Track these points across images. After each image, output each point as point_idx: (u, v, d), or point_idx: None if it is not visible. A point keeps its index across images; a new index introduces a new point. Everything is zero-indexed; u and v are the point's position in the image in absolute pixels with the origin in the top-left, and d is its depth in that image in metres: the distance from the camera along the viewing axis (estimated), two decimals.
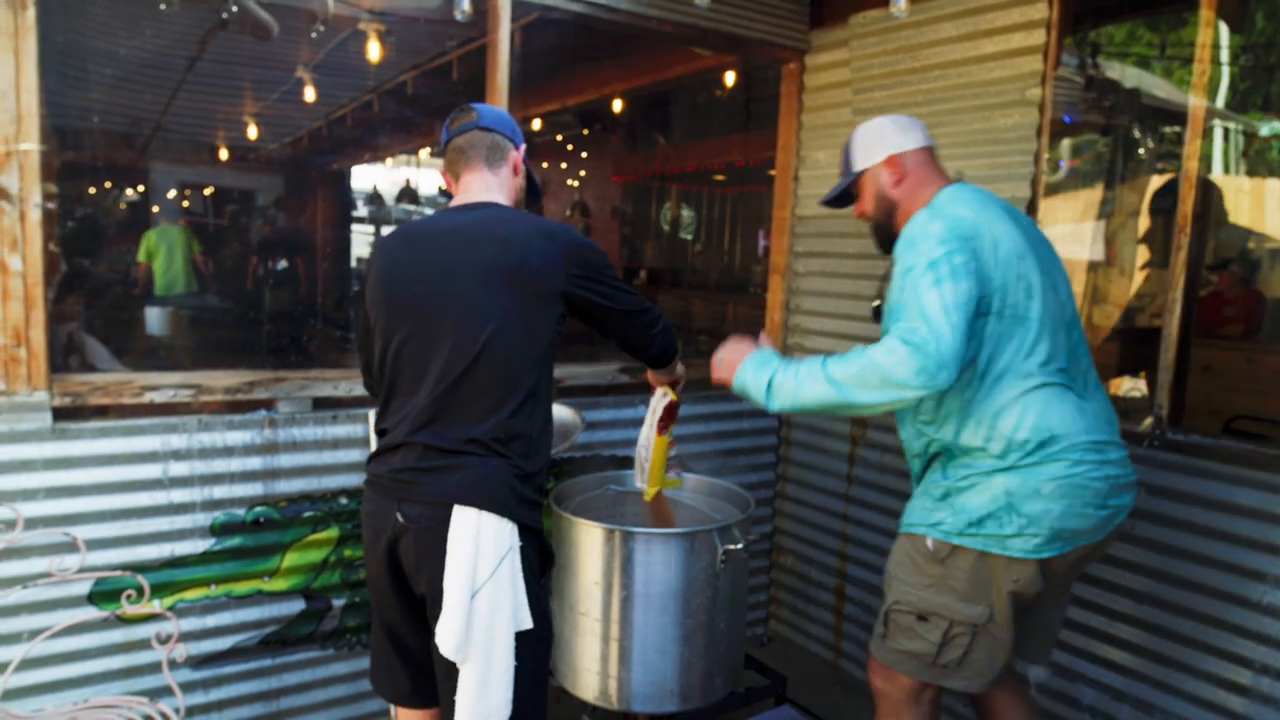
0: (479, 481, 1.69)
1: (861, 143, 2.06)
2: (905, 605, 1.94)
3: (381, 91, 5.81)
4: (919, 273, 1.77)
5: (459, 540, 1.67)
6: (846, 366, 1.75)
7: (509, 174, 1.93)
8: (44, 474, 2.17)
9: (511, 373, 1.73)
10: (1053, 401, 1.81)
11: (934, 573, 1.90)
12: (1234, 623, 2.20)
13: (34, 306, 2.13)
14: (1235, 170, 4.83)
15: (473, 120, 1.90)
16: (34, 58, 2.06)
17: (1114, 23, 4.48)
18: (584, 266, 1.83)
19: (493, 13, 2.70)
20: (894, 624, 1.97)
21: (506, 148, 1.92)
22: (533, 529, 1.77)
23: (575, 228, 1.93)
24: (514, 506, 1.71)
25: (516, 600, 1.70)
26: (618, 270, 2.16)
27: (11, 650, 2.14)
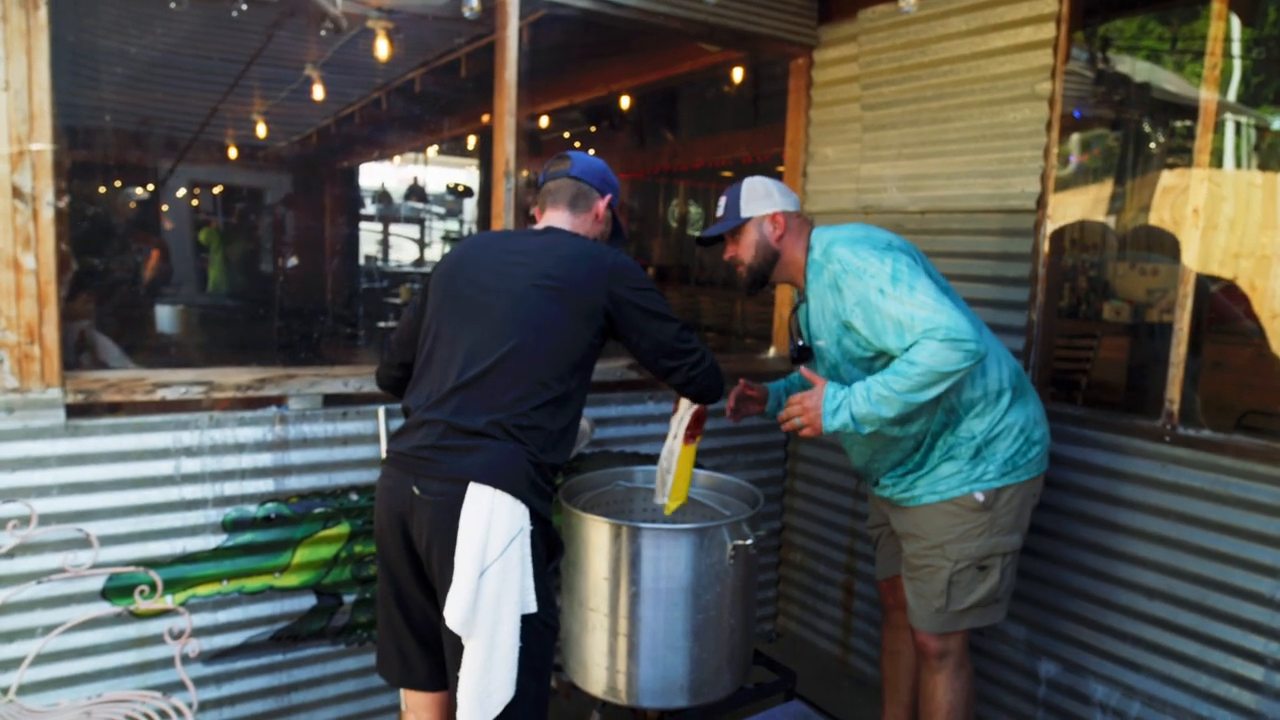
0: (496, 462, 1.75)
1: (749, 194, 2.27)
2: (965, 561, 2.20)
3: (390, 89, 5.82)
4: (890, 291, 2.01)
5: (472, 516, 1.72)
6: (906, 379, 1.96)
7: (590, 219, 2.10)
8: (57, 470, 2.19)
9: (541, 372, 1.83)
10: (997, 344, 2.24)
11: (983, 521, 2.18)
12: (1247, 618, 2.20)
13: (47, 304, 2.14)
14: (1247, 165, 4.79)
15: (565, 169, 2.08)
16: (46, 57, 2.08)
17: (1124, 16, 4.45)
18: (625, 288, 1.93)
19: (501, 10, 2.70)
20: (956, 585, 2.22)
21: (592, 196, 2.10)
22: (543, 517, 1.84)
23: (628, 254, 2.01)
24: (527, 491, 1.76)
25: (524, 583, 1.75)
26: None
27: (26, 645, 2.16)
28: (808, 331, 2.36)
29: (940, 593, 2.23)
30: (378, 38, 3.85)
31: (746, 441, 3.39)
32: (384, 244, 10.47)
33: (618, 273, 1.94)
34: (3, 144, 2.05)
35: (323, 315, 6.88)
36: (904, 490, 2.29)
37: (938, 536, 2.22)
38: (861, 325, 2.07)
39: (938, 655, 2.28)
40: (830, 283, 2.14)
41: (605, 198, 2.12)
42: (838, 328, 2.17)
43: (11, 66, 2.04)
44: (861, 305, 2.06)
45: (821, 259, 2.18)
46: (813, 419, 2.07)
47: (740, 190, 2.28)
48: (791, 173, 3.46)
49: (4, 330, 2.10)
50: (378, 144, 8.35)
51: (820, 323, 2.23)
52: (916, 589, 2.29)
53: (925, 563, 2.25)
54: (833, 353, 2.22)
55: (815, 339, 2.28)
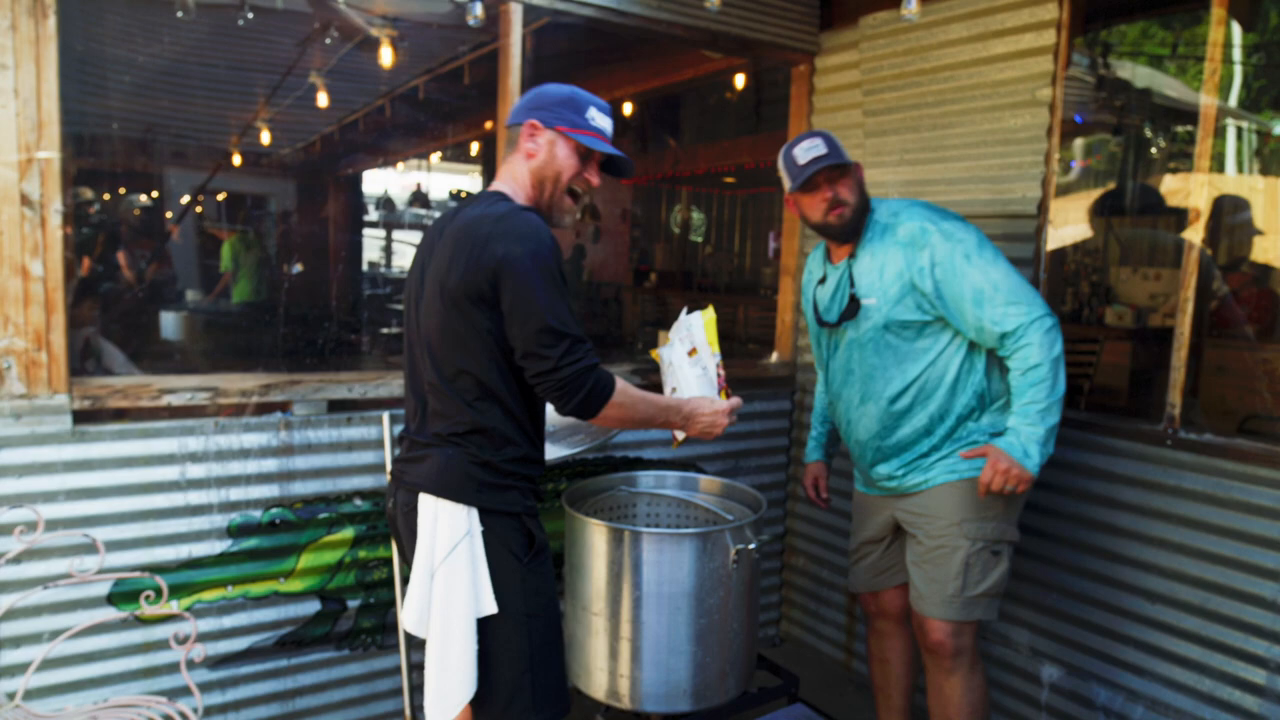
0: (437, 470, 1.78)
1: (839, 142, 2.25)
2: (981, 541, 2.21)
3: (393, 96, 5.85)
4: (975, 257, 2.11)
5: (423, 524, 1.79)
6: (1043, 382, 2.07)
7: (520, 157, 1.83)
8: (64, 476, 2.20)
9: (459, 372, 1.75)
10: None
11: (999, 503, 2.20)
12: (1249, 621, 2.20)
13: (54, 311, 2.16)
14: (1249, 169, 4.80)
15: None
16: (55, 66, 2.10)
17: (1125, 22, 4.46)
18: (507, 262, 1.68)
19: (504, 18, 2.72)
20: (971, 568, 2.21)
21: (514, 133, 1.84)
22: (505, 512, 1.79)
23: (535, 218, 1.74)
24: (471, 492, 1.76)
25: (477, 584, 1.75)
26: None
27: (33, 650, 2.17)
28: (839, 294, 2.32)
29: (957, 574, 2.21)
30: (382, 45, 3.88)
31: (749, 447, 3.39)
32: (387, 250, 10.51)
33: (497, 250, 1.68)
34: (11, 152, 2.07)
35: (327, 321, 6.90)
36: (917, 475, 2.28)
37: (956, 514, 2.21)
38: (934, 288, 2.13)
39: (953, 654, 2.25)
40: (906, 241, 2.16)
41: (528, 123, 1.81)
42: (900, 289, 2.17)
43: (20, 75, 2.06)
44: (943, 267, 2.11)
45: (890, 219, 2.22)
46: (1018, 473, 2.07)
47: (834, 137, 2.23)
48: None
49: (12, 337, 2.12)
50: (382, 151, 8.38)
51: (875, 282, 2.22)
52: (929, 574, 2.26)
53: (940, 543, 2.23)
54: (879, 314, 2.21)
55: (863, 296, 2.25)
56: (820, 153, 2.18)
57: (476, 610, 1.75)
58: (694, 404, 1.95)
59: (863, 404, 2.31)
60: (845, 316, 2.29)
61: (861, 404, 2.31)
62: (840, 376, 2.38)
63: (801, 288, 2.62)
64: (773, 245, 8.06)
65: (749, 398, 3.37)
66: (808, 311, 2.49)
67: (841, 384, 2.38)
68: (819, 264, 2.45)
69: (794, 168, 2.21)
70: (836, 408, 2.45)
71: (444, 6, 2.81)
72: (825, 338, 2.42)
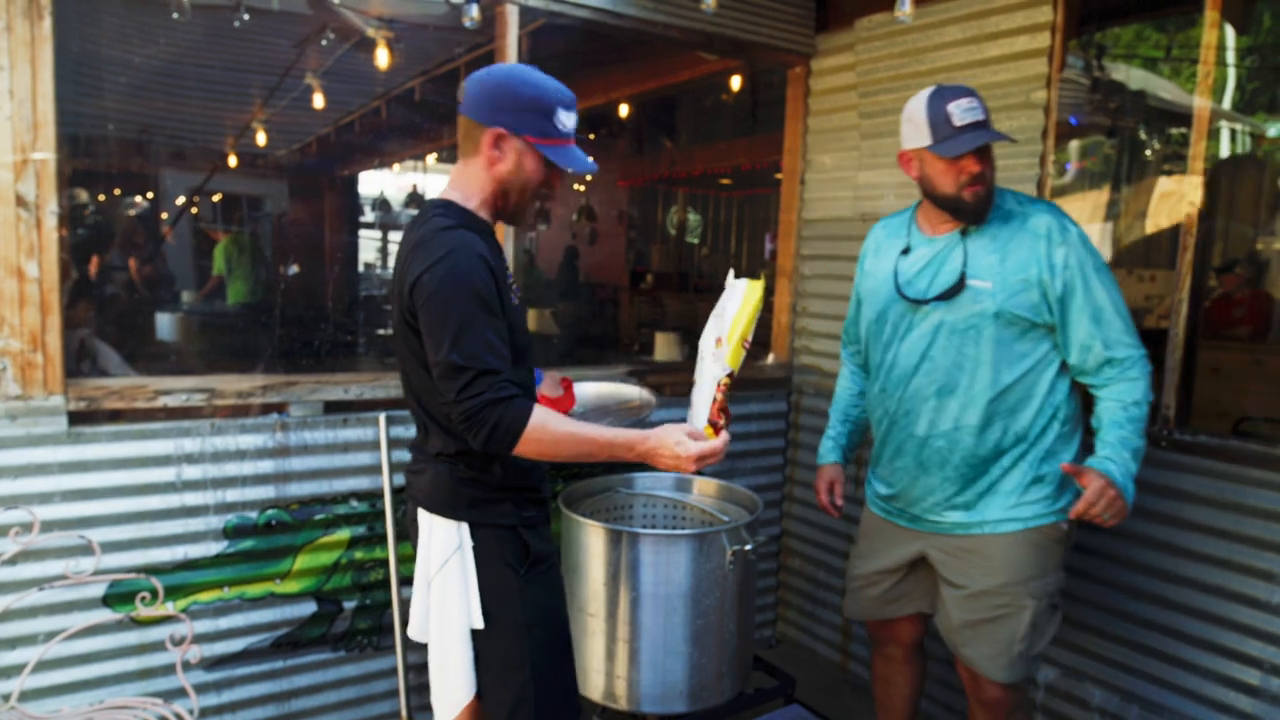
0: (430, 487, 1.79)
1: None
2: (1045, 598, 2.04)
3: (389, 97, 5.85)
4: (1105, 273, 1.97)
5: (420, 537, 1.82)
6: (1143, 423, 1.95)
7: (479, 165, 1.71)
8: (60, 477, 2.20)
9: (431, 394, 1.69)
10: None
11: (1059, 553, 2.06)
12: (1244, 623, 2.21)
13: (50, 312, 2.16)
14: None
15: (460, 102, 1.72)
16: (50, 67, 2.09)
17: (1119, 25, 4.48)
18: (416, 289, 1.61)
19: (500, 19, 2.72)
20: (1037, 627, 2.04)
21: (475, 133, 1.69)
22: (498, 525, 1.77)
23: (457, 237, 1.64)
24: (460, 508, 1.76)
25: (468, 597, 1.76)
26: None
27: (28, 652, 2.16)
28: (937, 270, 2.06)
29: (1023, 636, 2.03)
30: (378, 47, 3.88)
31: (746, 448, 3.40)
32: (383, 251, 10.51)
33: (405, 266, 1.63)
34: (7, 153, 2.07)
35: (323, 323, 6.89)
36: (971, 513, 2.06)
37: (1022, 571, 2.02)
38: (1061, 289, 1.94)
39: (1010, 709, 2.11)
40: (1042, 234, 1.96)
41: (493, 131, 1.67)
42: (1023, 280, 1.96)
43: (16, 76, 2.06)
44: (1074, 271, 1.94)
45: (1018, 206, 2.02)
46: (1122, 505, 1.87)
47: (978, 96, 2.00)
48: (790, 180, 3.48)
49: (7, 338, 2.12)
50: (377, 152, 8.38)
51: (994, 265, 1.98)
52: (989, 634, 2.05)
53: (1004, 603, 2.03)
54: (991, 300, 1.97)
55: (976, 277, 2.00)
56: (980, 118, 1.94)
57: (469, 622, 1.77)
58: (652, 444, 1.66)
59: (940, 397, 2.05)
60: (946, 295, 2.02)
61: (938, 397, 2.05)
62: (910, 362, 2.10)
63: (860, 262, 2.29)
64: (769, 247, 8.08)
65: (745, 399, 3.38)
66: (871, 288, 2.21)
67: (909, 371, 2.09)
68: (900, 233, 2.18)
69: (943, 124, 1.93)
70: (883, 399, 2.17)
71: (440, 8, 2.81)
72: (895, 317, 2.13)
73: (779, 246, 3.56)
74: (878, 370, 2.20)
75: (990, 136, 1.94)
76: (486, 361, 1.57)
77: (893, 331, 2.14)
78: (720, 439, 1.69)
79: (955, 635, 2.12)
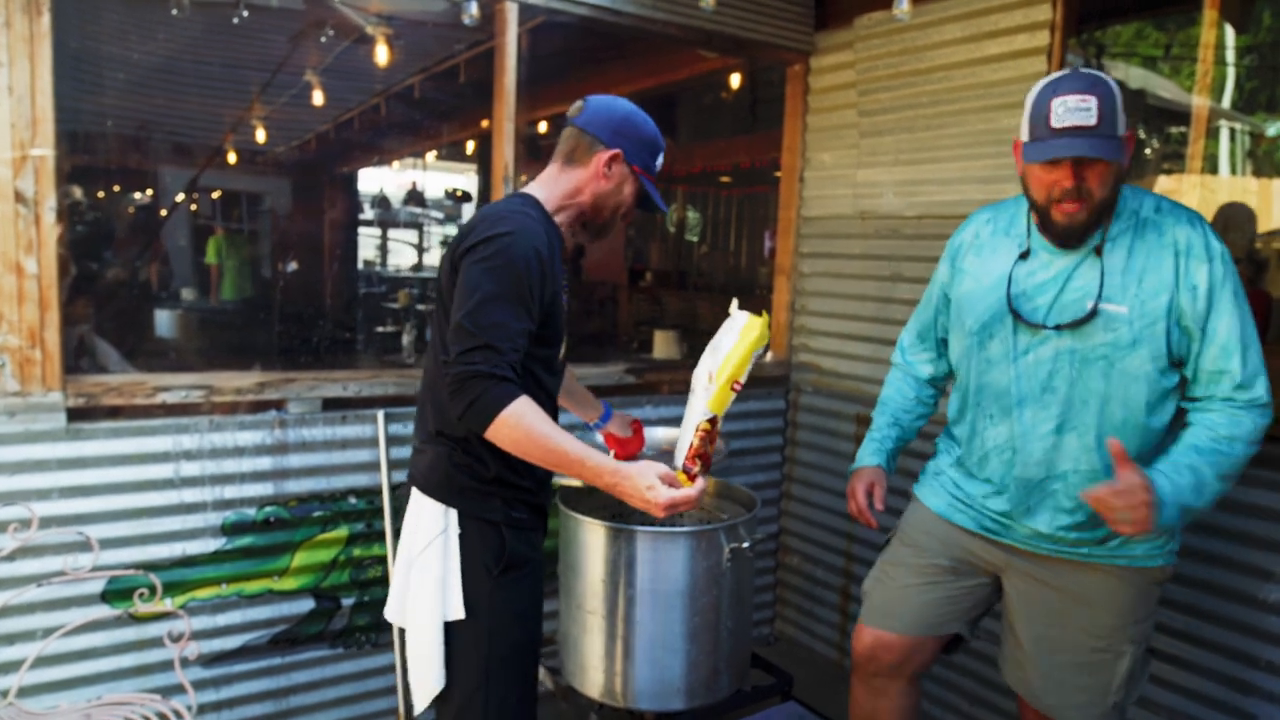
0: (425, 467, 1.80)
1: (1120, 100, 1.66)
2: (1143, 643, 1.85)
3: (389, 95, 5.85)
4: (1242, 298, 1.68)
5: (408, 517, 1.82)
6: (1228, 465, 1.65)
7: (586, 176, 1.81)
8: (58, 474, 2.20)
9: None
10: None
11: (1158, 595, 1.86)
12: (1244, 622, 2.21)
13: (49, 308, 2.16)
14: (1241, 171, 4.82)
15: (574, 115, 1.84)
16: (49, 63, 2.09)
17: (1119, 23, 4.48)
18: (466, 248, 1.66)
19: (500, 17, 2.72)
20: (1135, 676, 1.84)
21: (594, 149, 1.80)
22: (483, 519, 1.76)
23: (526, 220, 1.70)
24: (449, 493, 1.76)
25: (447, 584, 1.75)
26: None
27: (26, 648, 2.16)
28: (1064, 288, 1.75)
29: (1120, 685, 1.83)
30: (377, 44, 3.88)
31: (744, 446, 3.40)
32: (382, 249, 10.50)
33: (469, 230, 1.69)
34: (5, 149, 2.07)
35: (322, 320, 6.90)
36: (1087, 533, 1.79)
37: (1129, 612, 1.81)
38: (1203, 313, 1.66)
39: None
40: (1184, 249, 1.68)
41: (612, 151, 1.79)
42: (1166, 304, 1.67)
43: (15, 72, 2.06)
44: (1217, 293, 1.66)
45: (1154, 215, 1.73)
46: (1143, 516, 1.55)
47: (1113, 91, 1.64)
48: (789, 178, 3.48)
49: (6, 334, 2.12)
50: (377, 149, 8.38)
51: (1130, 286, 1.69)
52: (1082, 682, 1.84)
53: (1103, 647, 1.82)
54: (1128, 327, 1.69)
55: (1110, 301, 1.70)
56: (1087, 122, 1.60)
57: (443, 611, 1.76)
58: (622, 481, 1.63)
59: (1059, 433, 1.77)
60: (1075, 324, 1.72)
61: (1058, 433, 1.77)
62: (1024, 390, 1.79)
63: (950, 258, 1.97)
64: (768, 244, 8.07)
65: (743, 397, 3.37)
66: (970, 291, 1.88)
67: (1021, 400, 1.80)
68: (1015, 230, 1.85)
69: (1041, 121, 1.65)
70: (982, 429, 1.88)
71: (440, 5, 2.81)
72: (1006, 333, 1.82)
73: (778, 244, 3.56)
74: (971, 391, 1.91)
75: (1085, 150, 1.60)
76: (496, 338, 1.58)
77: (1003, 351, 1.83)
78: (695, 487, 1.65)
79: (1036, 680, 1.89)
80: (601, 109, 1.82)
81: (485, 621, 1.77)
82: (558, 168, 1.84)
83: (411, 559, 1.79)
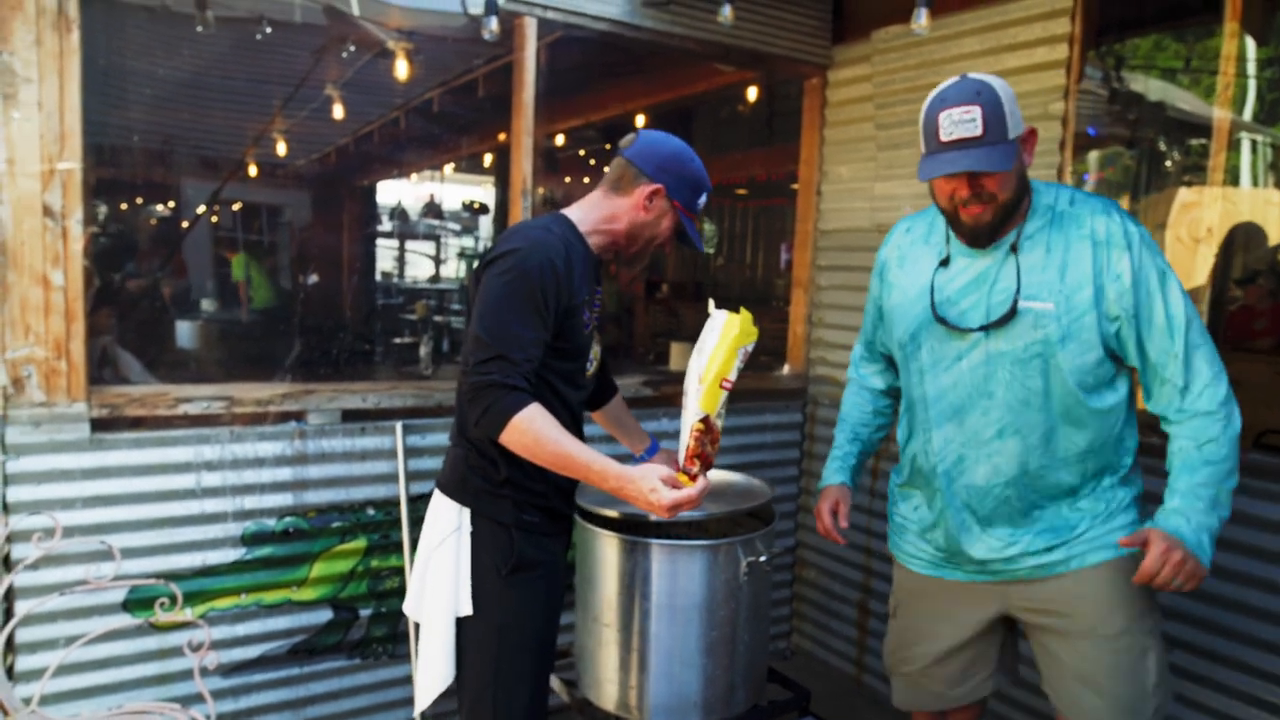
0: (447, 468, 1.89)
1: (1011, 101, 1.65)
2: (1160, 630, 1.80)
3: (408, 108, 5.90)
4: (1172, 277, 1.67)
5: (429, 514, 1.90)
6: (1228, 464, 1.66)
7: (627, 205, 1.86)
8: (82, 483, 2.22)
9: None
10: None
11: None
12: (1260, 638, 2.18)
13: (74, 320, 2.19)
14: (1263, 183, 4.77)
15: (625, 146, 1.90)
16: (78, 79, 2.13)
17: (1138, 35, 4.46)
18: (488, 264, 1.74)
19: (519, 32, 2.75)
20: (1163, 669, 1.77)
21: (639, 181, 1.86)
22: (497, 521, 1.81)
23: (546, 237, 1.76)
24: (464, 493, 1.82)
25: (458, 581, 1.81)
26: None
27: (49, 656, 2.19)
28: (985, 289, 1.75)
29: (1156, 684, 1.75)
30: (397, 58, 3.92)
31: (760, 459, 3.39)
32: (400, 260, 10.57)
33: (495, 249, 1.75)
34: (34, 163, 2.11)
35: (341, 331, 6.94)
36: (1051, 554, 1.78)
37: (1135, 602, 1.75)
38: (1131, 305, 1.65)
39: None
40: (1103, 239, 1.67)
41: (654, 186, 1.84)
42: (1091, 296, 1.67)
43: (44, 88, 2.10)
44: (1141, 283, 1.65)
45: (1069, 207, 1.72)
46: (1193, 567, 1.60)
47: (999, 96, 1.63)
48: (806, 191, 3.48)
49: (33, 346, 2.15)
50: (396, 162, 8.45)
51: (1051, 282, 1.69)
52: (1117, 690, 1.75)
53: (1124, 646, 1.74)
54: (1056, 324, 1.68)
55: (1032, 299, 1.70)
56: (972, 133, 1.60)
57: (455, 607, 1.81)
58: (627, 483, 1.67)
59: (1001, 438, 1.76)
60: (998, 323, 1.71)
61: (1000, 438, 1.76)
62: (960, 398, 1.79)
63: (879, 272, 1.99)
64: (784, 257, 8.07)
65: (760, 409, 3.38)
66: (898, 304, 1.89)
67: (958, 408, 1.80)
68: (934, 239, 1.85)
69: (932, 137, 1.66)
70: (923, 439, 1.87)
71: (459, 20, 2.84)
72: (935, 341, 1.82)
73: (795, 257, 3.56)
74: (914, 403, 1.90)
75: (969, 164, 1.60)
76: (509, 348, 1.65)
77: (934, 360, 1.83)
78: (696, 487, 1.69)
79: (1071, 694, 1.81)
80: (651, 143, 1.88)
81: (494, 620, 1.81)
82: (602, 193, 1.91)
83: (429, 555, 1.84)
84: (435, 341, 5.62)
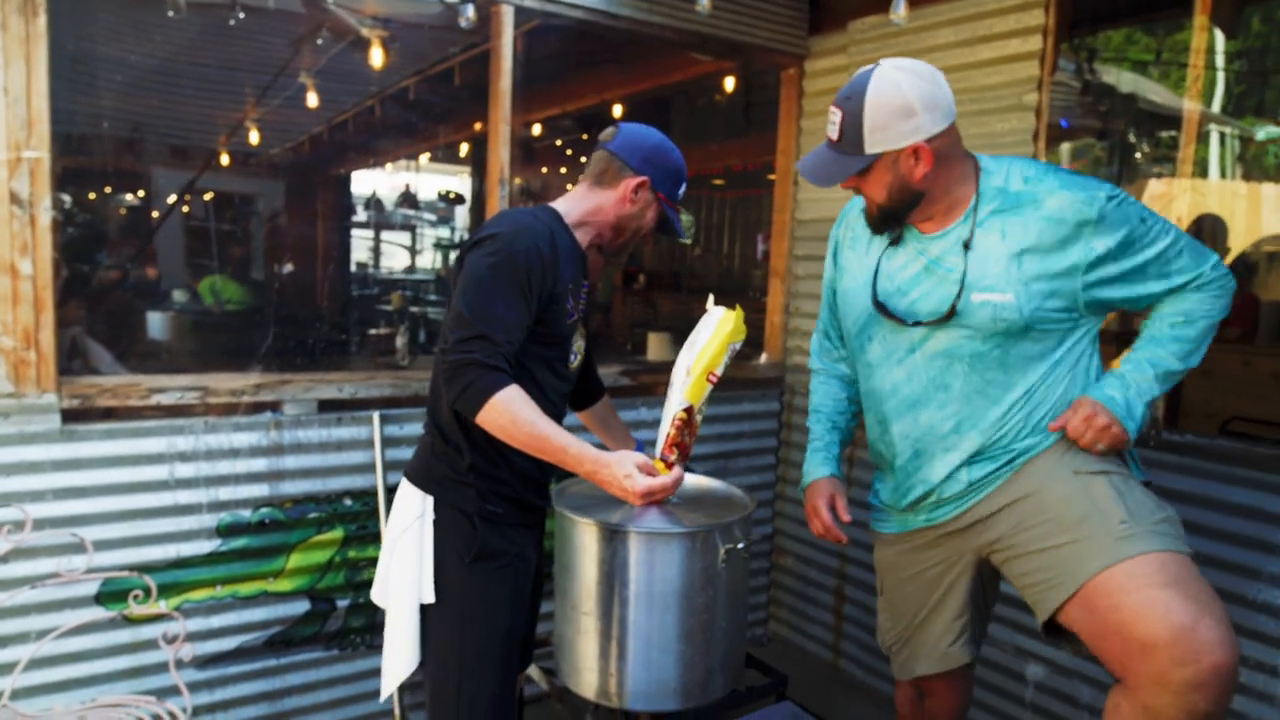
0: (415, 454, 1.92)
1: (876, 118, 1.61)
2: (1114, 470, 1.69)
3: (383, 97, 5.85)
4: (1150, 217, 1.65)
5: (396, 500, 1.90)
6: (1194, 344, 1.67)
7: (612, 198, 1.89)
8: (52, 475, 2.19)
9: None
10: None
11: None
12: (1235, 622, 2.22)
13: (43, 310, 2.15)
14: (1231, 175, 4.85)
15: (606, 139, 1.92)
16: (45, 64, 2.09)
17: (1110, 28, 4.51)
18: (472, 245, 1.74)
19: (496, 19, 2.73)
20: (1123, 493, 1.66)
21: (623, 174, 1.88)
22: (460, 510, 1.82)
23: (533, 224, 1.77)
24: (428, 480, 1.84)
25: (422, 569, 1.82)
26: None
27: (20, 650, 2.16)
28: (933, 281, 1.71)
29: (1113, 505, 1.62)
30: (372, 46, 3.88)
31: (738, 447, 3.41)
32: (376, 251, 10.49)
33: (480, 231, 1.76)
34: (1, 150, 2.07)
35: (316, 322, 6.89)
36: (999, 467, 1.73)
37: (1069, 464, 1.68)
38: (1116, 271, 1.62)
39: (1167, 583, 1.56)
40: (1071, 219, 1.61)
41: (640, 178, 1.87)
42: (1051, 281, 1.62)
43: (10, 73, 2.06)
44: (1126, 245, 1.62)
45: (1025, 186, 1.66)
46: (1117, 431, 1.62)
47: (864, 108, 1.60)
48: (783, 181, 3.50)
49: (1, 336, 2.11)
50: (371, 151, 8.37)
51: (1007, 272, 1.63)
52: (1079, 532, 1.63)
53: (1068, 495, 1.66)
54: (1017, 313, 1.63)
55: (985, 290, 1.64)
56: (830, 134, 1.67)
57: (418, 595, 1.82)
58: (602, 468, 1.70)
59: (959, 432, 1.74)
60: (944, 319, 1.67)
61: (958, 432, 1.74)
62: (914, 392, 1.77)
63: (832, 254, 1.96)
64: (761, 247, 8.09)
65: (738, 398, 3.39)
66: (847, 289, 1.86)
67: (913, 403, 1.77)
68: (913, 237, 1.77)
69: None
70: (885, 428, 1.86)
71: (435, 8, 2.82)
72: (886, 333, 1.78)
73: (772, 247, 3.58)
74: (868, 395, 1.88)
75: (809, 168, 1.69)
76: (492, 328, 1.65)
77: (886, 352, 1.79)
78: (671, 475, 1.73)
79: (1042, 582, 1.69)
80: (634, 136, 1.91)
81: (458, 608, 1.82)
82: (586, 187, 1.92)
83: (394, 542, 1.85)
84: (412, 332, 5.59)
